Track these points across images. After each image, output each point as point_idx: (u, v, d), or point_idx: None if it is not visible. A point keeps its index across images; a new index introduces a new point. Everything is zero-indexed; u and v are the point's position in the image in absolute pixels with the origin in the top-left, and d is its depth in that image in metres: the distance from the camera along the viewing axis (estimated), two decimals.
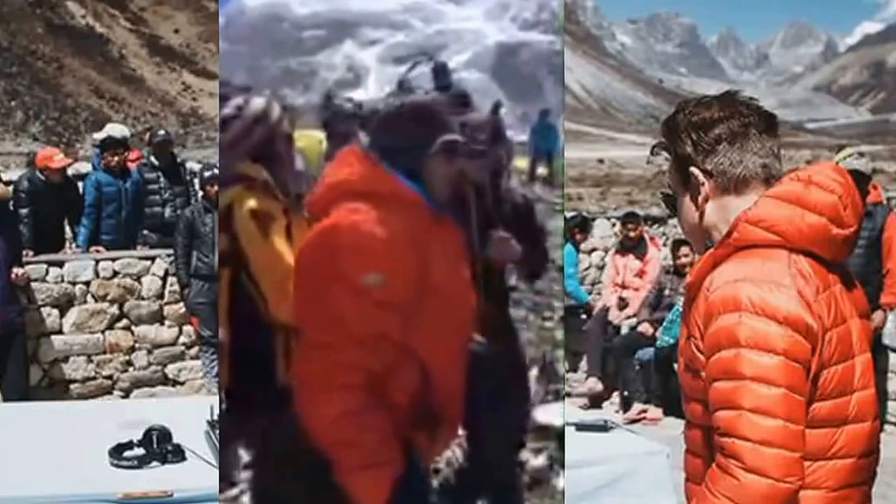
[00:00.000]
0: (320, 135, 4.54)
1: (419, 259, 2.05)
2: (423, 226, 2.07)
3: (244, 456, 2.65)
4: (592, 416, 3.56)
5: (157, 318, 6.83)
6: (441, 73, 3.23)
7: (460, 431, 2.46)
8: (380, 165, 2.07)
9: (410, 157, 2.08)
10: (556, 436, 3.07)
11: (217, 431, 2.84)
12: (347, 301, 1.99)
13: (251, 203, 2.77)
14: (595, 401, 6.83)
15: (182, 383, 6.89)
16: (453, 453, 2.80)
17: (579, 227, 7.88)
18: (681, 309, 2.29)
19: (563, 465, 2.73)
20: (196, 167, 8.19)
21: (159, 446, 2.75)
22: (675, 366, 3.54)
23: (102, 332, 6.66)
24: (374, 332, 2.01)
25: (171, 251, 6.65)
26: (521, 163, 12.24)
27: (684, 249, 6.50)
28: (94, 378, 6.64)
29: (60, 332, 6.55)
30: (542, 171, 13.16)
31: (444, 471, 2.90)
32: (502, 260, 2.76)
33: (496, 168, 2.68)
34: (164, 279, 6.81)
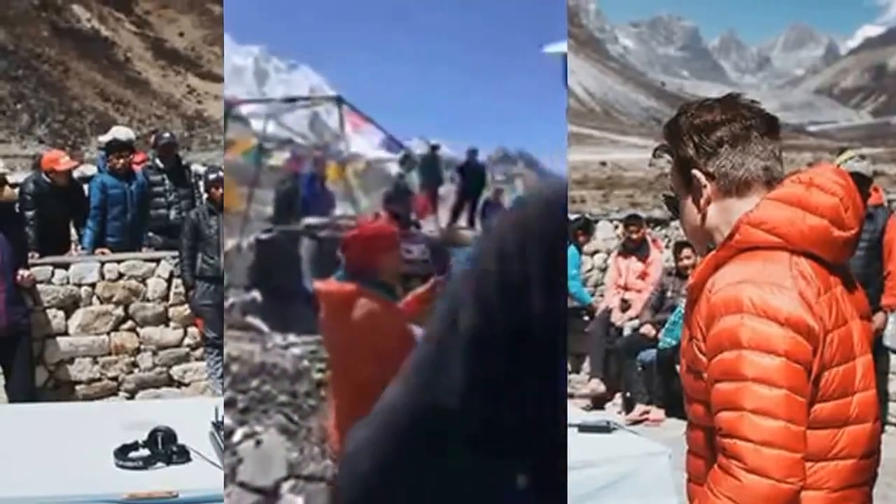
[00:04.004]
0: None
1: None
2: None
3: None
4: (595, 417, 3.58)
5: (163, 319, 6.84)
6: None
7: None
8: None
9: None
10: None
11: (222, 432, 2.86)
12: None
13: None
14: (597, 402, 6.83)
15: (187, 384, 6.89)
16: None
17: (582, 230, 7.88)
18: (683, 311, 2.30)
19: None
20: (201, 170, 8.20)
21: (164, 447, 2.76)
22: (678, 367, 3.54)
23: (108, 333, 6.67)
24: None
25: (176, 253, 6.66)
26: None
27: (686, 251, 6.50)
28: (99, 379, 6.66)
29: (66, 333, 6.56)
30: None
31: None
32: None
33: None
34: (169, 281, 6.82)
